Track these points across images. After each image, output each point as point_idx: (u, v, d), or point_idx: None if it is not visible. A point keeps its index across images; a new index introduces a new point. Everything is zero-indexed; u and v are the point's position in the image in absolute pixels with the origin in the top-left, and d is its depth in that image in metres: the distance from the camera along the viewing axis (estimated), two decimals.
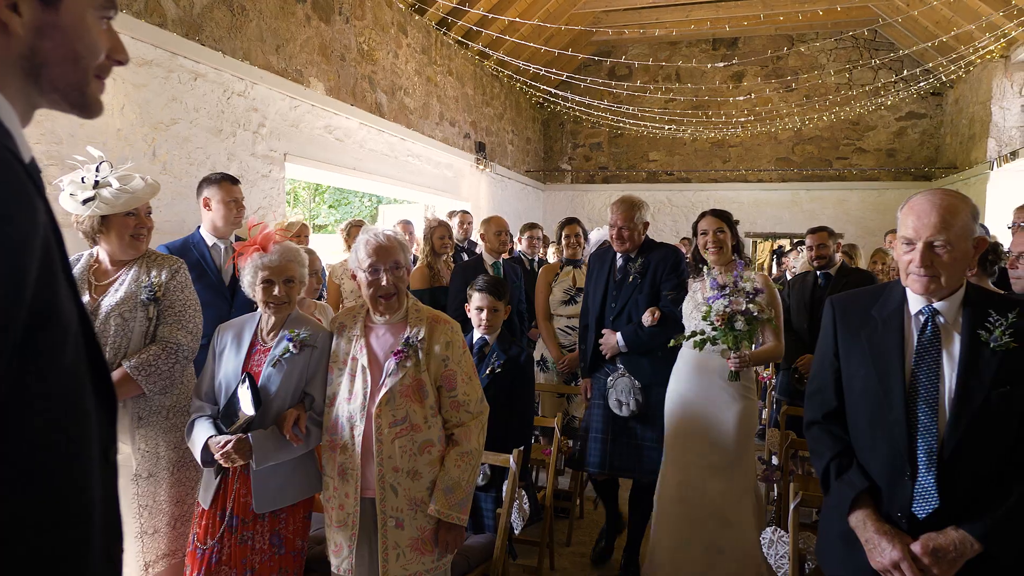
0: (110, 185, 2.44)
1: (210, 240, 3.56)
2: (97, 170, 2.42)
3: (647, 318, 3.48)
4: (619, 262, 3.69)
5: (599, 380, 3.68)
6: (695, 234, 3.50)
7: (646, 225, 3.68)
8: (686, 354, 3.40)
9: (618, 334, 3.57)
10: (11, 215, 0.74)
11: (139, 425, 2.50)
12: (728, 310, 3.06)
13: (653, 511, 3.42)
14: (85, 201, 2.40)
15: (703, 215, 3.48)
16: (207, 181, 3.57)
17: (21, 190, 0.77)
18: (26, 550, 0.79)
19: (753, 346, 3.32)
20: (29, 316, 0.76)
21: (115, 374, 2.42)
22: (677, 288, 3.53)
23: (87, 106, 0.94)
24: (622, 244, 3.62)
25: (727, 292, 3.09)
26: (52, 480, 0.82)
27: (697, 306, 3.31)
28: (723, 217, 3.44)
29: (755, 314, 3.06)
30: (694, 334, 3.19)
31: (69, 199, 2.43)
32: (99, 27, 0.92)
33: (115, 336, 2.46)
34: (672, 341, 3.27)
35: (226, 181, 3.59)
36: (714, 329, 3.10)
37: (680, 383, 3.38)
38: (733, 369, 3.15)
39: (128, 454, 2.49)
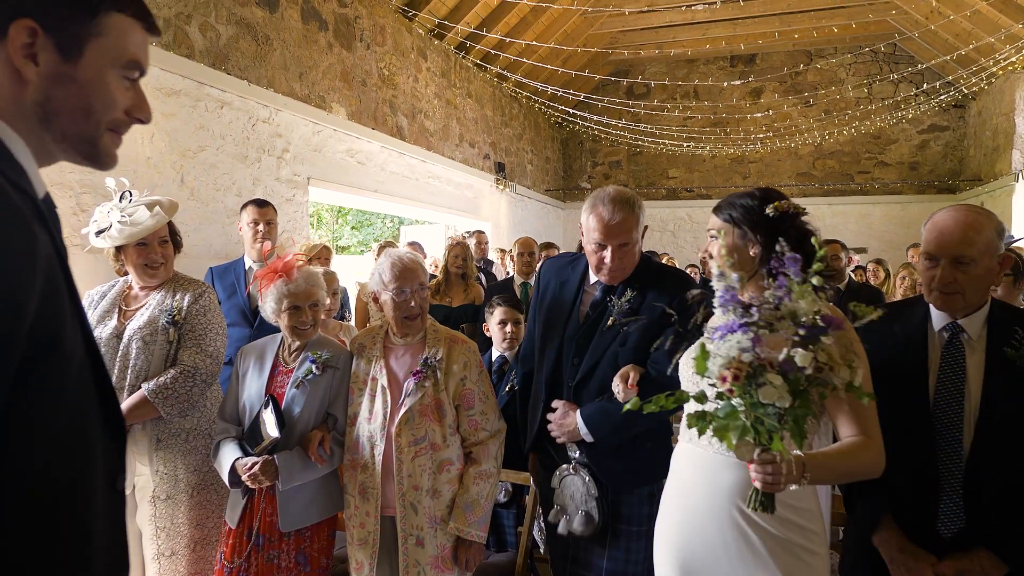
0: (117, 217, 2.50)
1: (248, 263, 3.68)
2: (120, 200, 2.50)
3: (618, 386, 2.07)
4: (596, 293, 2.30)
5: (545, 468, 2.40)
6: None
7: (644, 233, 2.26)
8: (683, 458, 1.86)
9: (578, 414, 2.18)
10: (7, 246, 0.76)
11: (158, 447, 2.53)
12: (750, 357, 1.47)
13: None
14: (98, 233, 2.48)
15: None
16: (242, 207, 3.72)
17: (17, 221, 0.79)
18: None
19: (812, 440, 1.71)
20: (30, 346, 0.78)
21: (134, 397, 2.47)
22: (681, 336, 1.92)
23: (97, 158, 0.96)
24: (614, 274, 2.22)
25: (753, 319, 1.51)
26: (53, 515, 0.83)
27: (690, 358, 1.71)
28: (739, 212, 1.82)
29: (806, 370, 1.44)
30: (682, 397, 1.57)
31: (91, 229, 2.52)
32: (120, 84, 0.94)
33: (136, 359, 2.52)
34: (629, 404, 1.61)
35: (252, 204, 3.71)
36: (718, 396, 1.52)
37: (672, 522, 1.83)
38: (758, 485, 1.52)
39: (147, 476, 2.53)
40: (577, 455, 2.26)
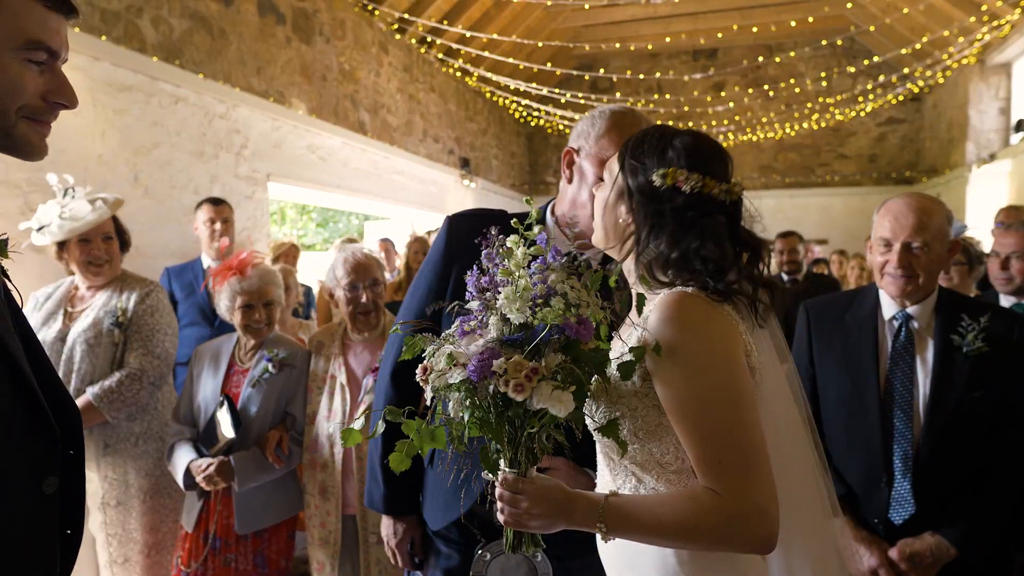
0: (57, 212, 2.42)
1: (206, 262, 3.63)
2: (64, 196, 2.42)
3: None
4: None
5: (437, 555, 1.68)
6: None
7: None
8: None
9: None
10: None
11: (105, 452, 2.47)
12: (433, 348, 1.15)
13: None
14: (38, 230, 2.40)
15: None
16: (197, 206, 3.66)
17: None
18: None
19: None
20: None
21: (79, 402, 2.40)
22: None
23: (16, 148, 0.91)
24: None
25: (470, 303, 1.18)
26: None
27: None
28: (632, 156, 1.22)
29: (448, 378, 1.09)
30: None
31: (31, 225, 2.44)
32: (24, 68, 0.89)
33: (80, 363, 2.45)
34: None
35: (207, 203, 3.66)
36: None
37: None
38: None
39: (96, 482, 2.46)
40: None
